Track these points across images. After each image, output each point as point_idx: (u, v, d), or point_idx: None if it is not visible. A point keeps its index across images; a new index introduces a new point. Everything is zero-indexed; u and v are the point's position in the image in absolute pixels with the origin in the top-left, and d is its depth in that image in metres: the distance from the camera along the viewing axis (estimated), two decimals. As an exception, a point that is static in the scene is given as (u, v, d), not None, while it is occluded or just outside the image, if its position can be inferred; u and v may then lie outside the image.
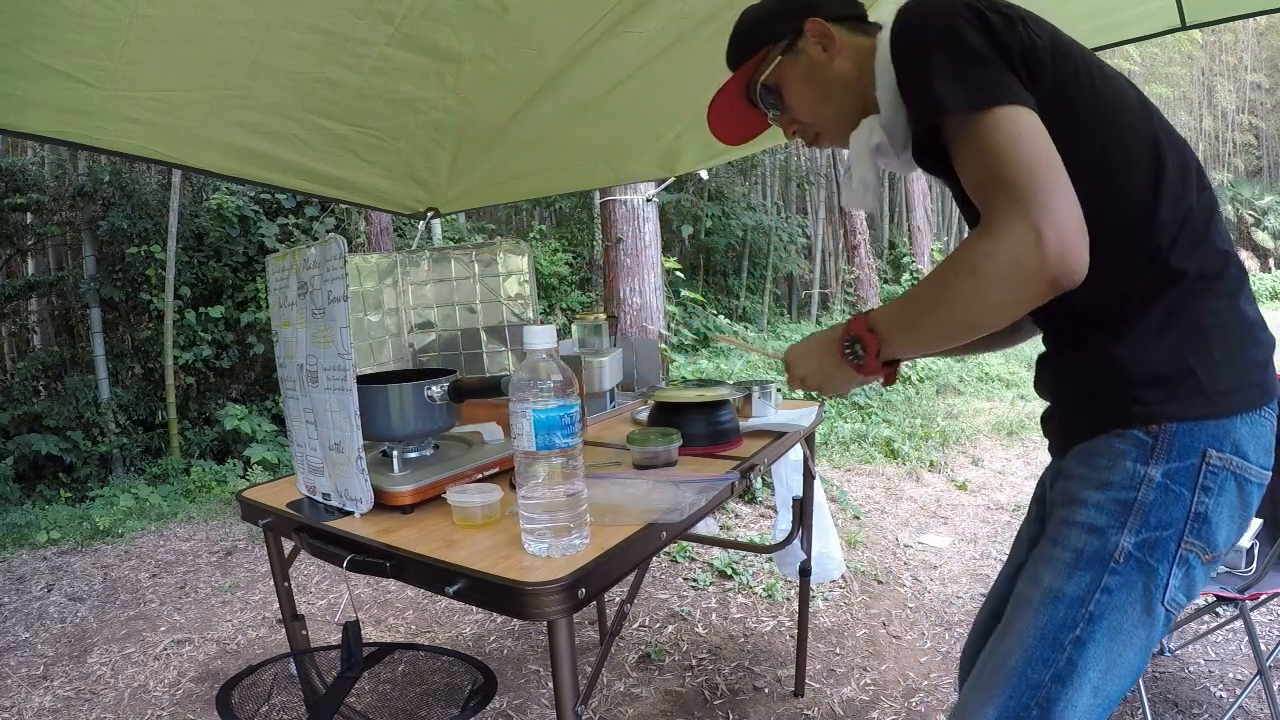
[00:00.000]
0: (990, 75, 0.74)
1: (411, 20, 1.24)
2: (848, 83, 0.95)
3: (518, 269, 1.78)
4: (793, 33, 0.97)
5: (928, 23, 0.78)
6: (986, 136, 0.73)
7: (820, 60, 0.96)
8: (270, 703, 1.29)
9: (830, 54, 0.95)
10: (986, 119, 0.73)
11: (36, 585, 3.25)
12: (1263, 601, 2.26)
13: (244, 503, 1.30)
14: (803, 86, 0.98)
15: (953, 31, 0.76)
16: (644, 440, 1.30)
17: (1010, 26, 0.78)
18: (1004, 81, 0.75)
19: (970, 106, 0.74)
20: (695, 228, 9.97)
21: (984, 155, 0.74)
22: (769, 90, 1.01)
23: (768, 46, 0.99)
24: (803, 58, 0.97)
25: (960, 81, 0.74)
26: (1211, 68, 17.22)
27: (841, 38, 0.95)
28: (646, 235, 4.36)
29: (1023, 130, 0.72)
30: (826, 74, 0.96)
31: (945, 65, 0.75)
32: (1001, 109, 0.73)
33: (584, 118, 1.78)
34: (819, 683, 2.11)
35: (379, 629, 2.61)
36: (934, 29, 0.77)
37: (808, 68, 0.97)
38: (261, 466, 5.17)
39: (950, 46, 0.76)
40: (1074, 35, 0.88)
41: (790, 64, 0.98)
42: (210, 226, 5.95)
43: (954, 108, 0.75)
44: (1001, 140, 0.72)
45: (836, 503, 3.60)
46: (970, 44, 0.75)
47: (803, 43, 0.97)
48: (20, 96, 1.18)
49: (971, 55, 0.75)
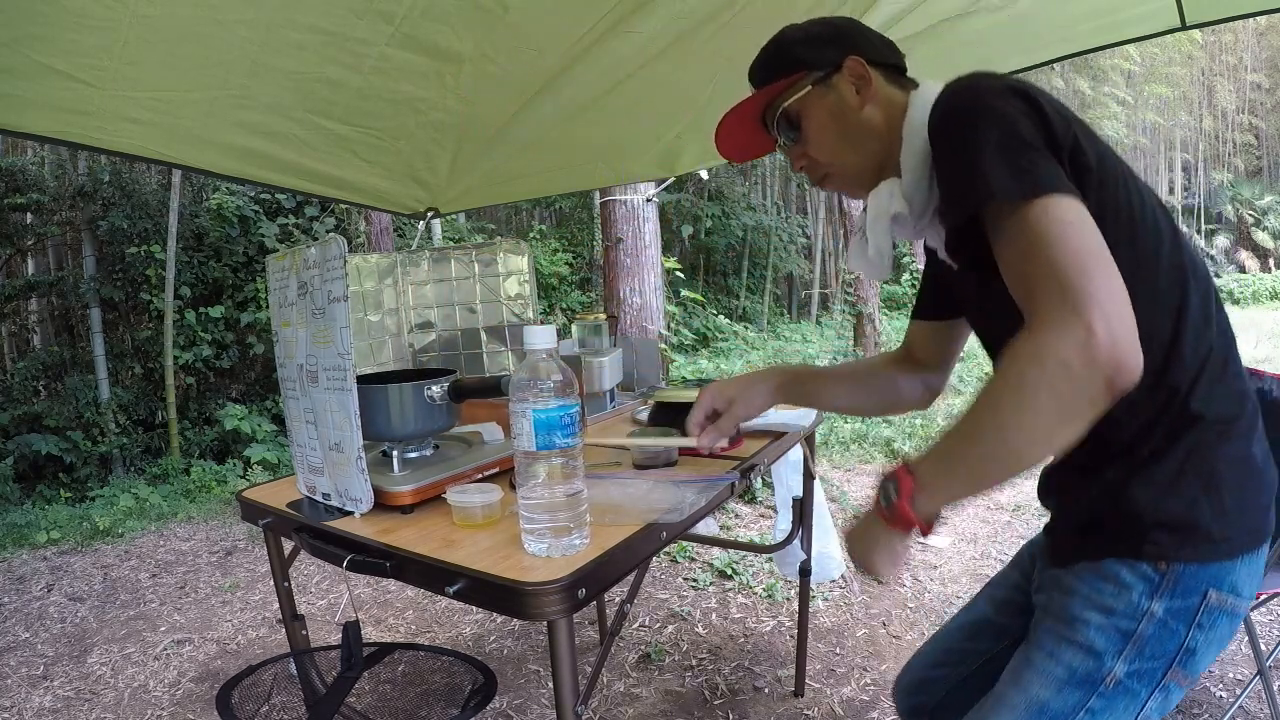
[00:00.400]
0: (1041, 163, 0.70)
1: (411, 20, 1.24)
2: (873, 133, 0.92)
3: (518, 269, 1.78)
4: (830, 65, 0.92)
5: (979, 104, 0.74)
6: (1035, 224, 0.68)
7: (851, 102, 0.91)
8: (270, 703, 1.29)
9: (863, 98, 0.91)
10: (1035, 206, 0.68)
11: (36, 585, 3.25)
12: (1263, 601, 2.26)
13: (244, 503, 1.30)
14: (826, 124, 0.93)
15: (1005, 115, 0.72)
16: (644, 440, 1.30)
17: (1065, 124, 0.74)
18: (1056, 171, 0.70)
19: (1020, 194, 0.69)
20: (695, 228, 9.97)
21: (1031, 245, 0.68)
22: (789, 118, 0.96)
23: (801, 72, 0.94)
24: (833, 94, 0.92)
25: (1010, 166, 0.70)
26: (1211, 68, 17.22)
27: (878, 84, 0.91)
28: (646, 235, 4.36)
29: (1074, 218, 0.68)
30: (854, 118, 0.92)
31: (995, 148, 0.71)
32: (1052, 198, 0.68)
33: (584, 118, 1.78)
34: (819, 683, 2.11)
35: (379, 629, 2.61)
36: (985, 110, 0.73)
37: (836, 106, 0.92)
38: (261, 466, 5.17)
39: (1001, 129, 0.72)
40: (1074, 35, 0.87)
41: (819, 97, 0.93)
42: (210, 226, 5.96)
43: (1002, 194, 0.70)
44: (1050, 226, 0.67)
45: (837, 503, 3.60)
46: (1022, 131, 0.71)
47: (838, 78, 0.92)
48: (20, 96, 1.18)
49: (1023, 142, 0.71)
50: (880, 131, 0.91)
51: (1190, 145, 17.49)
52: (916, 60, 1.65)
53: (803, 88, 0.94)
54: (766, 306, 11.52)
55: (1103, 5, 1.51)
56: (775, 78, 0.96)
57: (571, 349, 1.84)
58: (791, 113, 0.95)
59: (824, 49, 0.93)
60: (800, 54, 0.94)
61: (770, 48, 0.99)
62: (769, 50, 0.99)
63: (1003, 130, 0.72)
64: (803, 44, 0.95)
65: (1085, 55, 1.70)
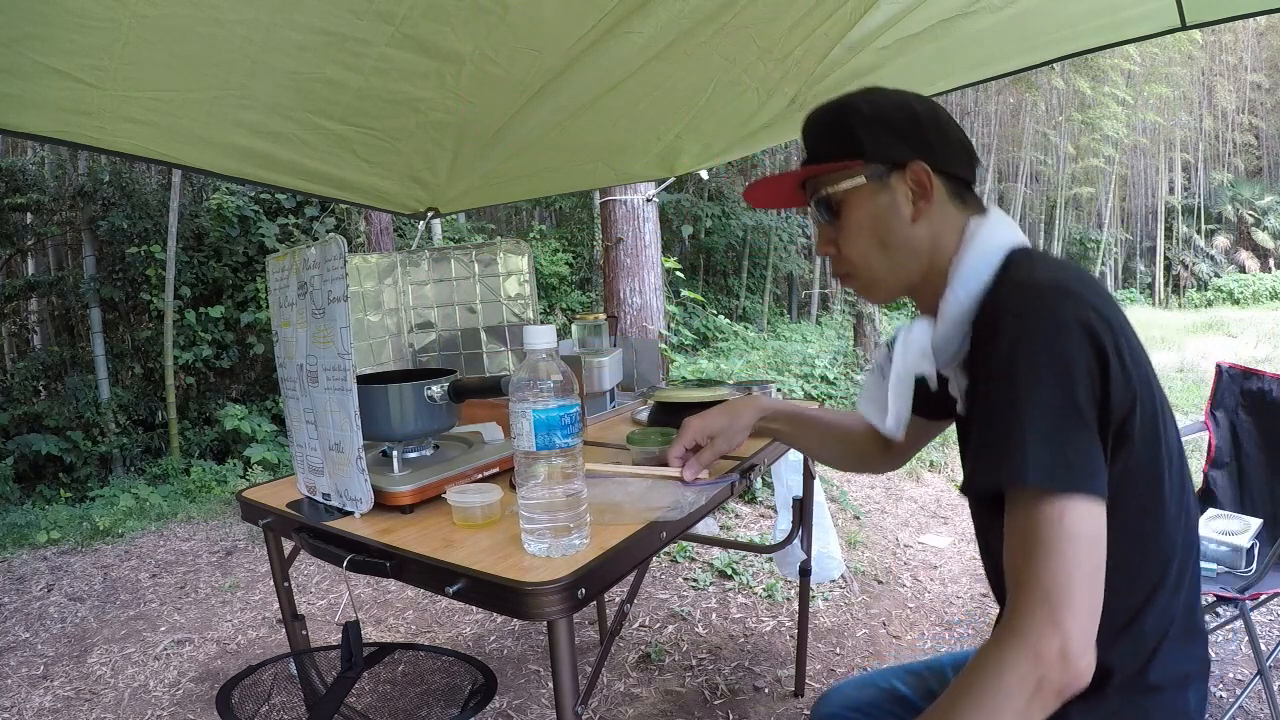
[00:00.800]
0: (1084, 448, 0.65)
1: (412, 20, 1.24)
2: (916, 253, 0.83)
3: (518, 269, 1.78)
4: (893, 162, 0.82)
5: (1049, 348, 0.66)
6: (1047, 526, 0.65)
7: (903, 211, 0.82)
8: (270, 703, 1.28)
9: (917, 212, 0.82)
10: (1057, 505, 0.64)
11: (36, 585, 3.25)
12: (1263, 601, 2.26)
13: (244, 503, 1.30)
14: (868, 226, 0.84)
15: (1070, 374, 0.65)
16: (644, 440, 1.30)
17: (1126, 384, 0.68)
18: (1094, 460, 0.66)
19: (1052, 483, 0.65)
20: (695, 228, 9.97)
21: (1035, 544, 0.65)
22: (830, 203, 0.86)
23: (858, 161, 0.83)
24: (886, 196, 0.83)
25: (1055, 450, 0.65)
26: (1211, 68, 17.22)
27: (939, 199, 0.82)
28: (646, 235, 4.35)
29: (1085, 533, 0.65)
30: (901, 231, 0.83)
31: (1049, 419, 0.65)
32: (1076, 500, 0.64)
33: (584, 118, 1.78)
34: (819, 683, 2.11)
35: (379, 629, 2.61)
36: (1053, 360, 0.66)
37: (885, 210, 0.83)
38: (261, 466, 5.18)
39: (1062, 391, 0.65)
40: (1074, 35, 0.86)
41: (869, 193, 0.83)
42: (210, 226, 5.96)
43: (1034, 481, 0.65)
44: (1060, 536, 0.64)
45: (836, 503, 3.59)
46: (1080, 399, 0.65)
47: (898, 179, 0.82)
48: (20, 96, 1.18)
49: (1078, 417, 0.65)
50: (924, 254, 0.83)
51: (1190, 145, 17.49)
52: (917, 60, 1.66)
53: (854, 177, 0.84)
54: (766, 306, 11.52)
55: (1103, 5, 1.50)
56: (829, 155, 0.86)
57: (571, 349, 1.84)
58: (834, 199, 0.86)
59: (892, 140, 0.82)
60: (863, 137, 0.83)
61: (832, 116, 0.86)
62: (830, 117, 0.87)
63: (1063, 395, 0.65)
64: (869, 125, 0.83)
65: (1085, 55, 1.70)
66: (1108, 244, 16.45)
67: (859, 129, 0.83)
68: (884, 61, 1.65)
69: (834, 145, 0.85)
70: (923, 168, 0.81)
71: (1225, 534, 1.86)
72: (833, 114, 0.86)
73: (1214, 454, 2.16)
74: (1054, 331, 0.66)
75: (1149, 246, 17.73)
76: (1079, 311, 0.67)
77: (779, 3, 1.38)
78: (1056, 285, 0.69)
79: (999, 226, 0.81)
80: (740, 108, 1.83)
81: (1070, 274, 0.72)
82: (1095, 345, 0.66)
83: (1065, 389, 0.65)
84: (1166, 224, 17.27)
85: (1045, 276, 0.71)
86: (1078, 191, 15.34)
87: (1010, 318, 0.69)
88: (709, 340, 8.18)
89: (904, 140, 0.82)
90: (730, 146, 2.18)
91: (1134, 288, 17.17)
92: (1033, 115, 14.65)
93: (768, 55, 1.57)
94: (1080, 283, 0.70)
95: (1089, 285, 0.71)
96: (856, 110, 0.84)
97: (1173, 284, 17.11)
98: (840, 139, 0.85)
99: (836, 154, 0.85)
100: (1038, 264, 0.75)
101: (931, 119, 0.83)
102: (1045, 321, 0.67)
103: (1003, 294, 0.74)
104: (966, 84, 1.85)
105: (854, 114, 0.84)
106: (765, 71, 1.64)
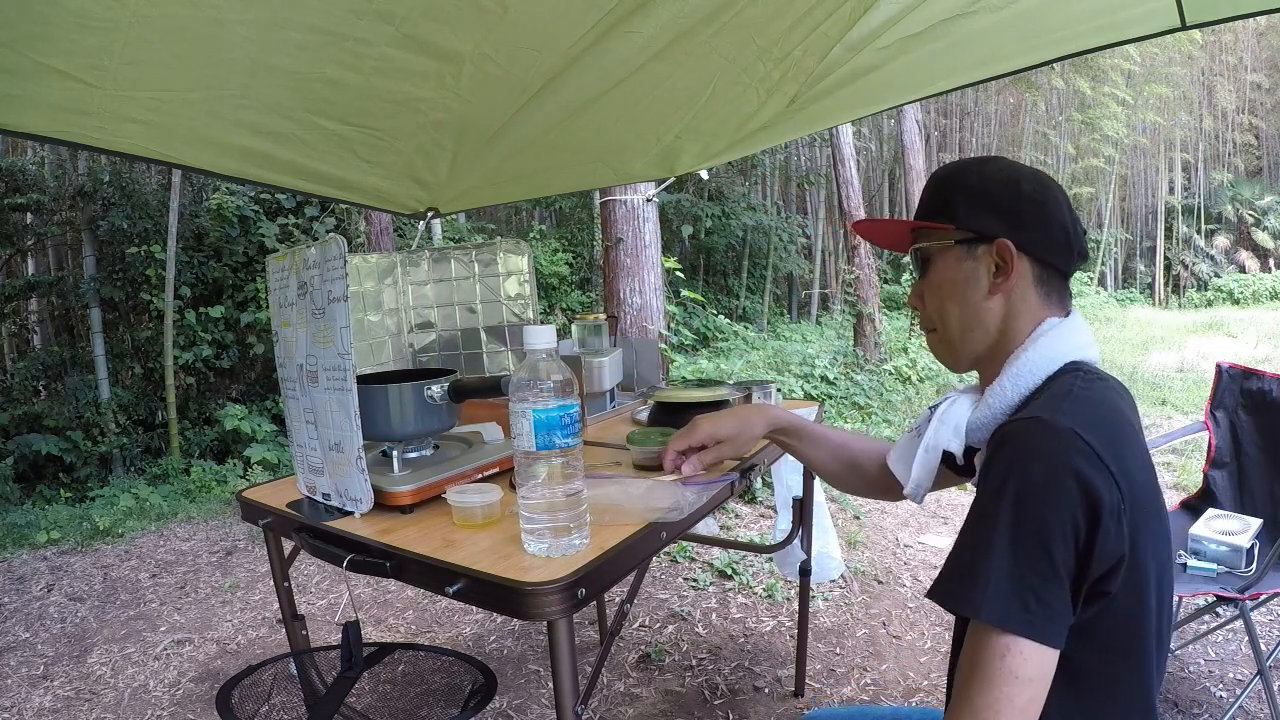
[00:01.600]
0: (1045, 598, 0.65)
1: (411, 20, 1.24)
2: (984, 326, 0.85)
3: (518, 269, 1.78)
4: (980, 234, 0.84)
5: (1039, 483, 0.66)
6: (992, 660, 0.66)
7: (981, 284, 0.84)
8: (270, 703, 1.28)
9: (994, 287, 0.84)
10: (1003, 642, 0.65)
11: (36, 585, 3.25)
12: (1263, 601, 2.26)
13: (244, 503, 1.30)
14: (948, 287, 0.87)
15: (1051, 521, 0.65)
16: (644, 440, 1.30)
17: (1116, 543, 0.67)
18: (1054, 610, 0.66)
19: (1001, 623, 0.65)
20: (695, 228, 9.97)
21: (977, 673, 0.67)
22: (923, 256, 0.90)
23: (951, 224, 0.86)
24: (970, 264, 0.85)
25: (1017, 596, 0.65)
26: (1211, 68, 17.21)
27: (1021, 282, 0.83)
28: (646, 235, 4.35)
29: (1027, 674, 0.65)
30: (975, 300, 0.85)
31: (1018, 561, 0.65)
32: (1024, 643, 0.65)
33: (584, 118, 1.78)
34: (819, 683, 2.11)
35: (379, 629, 2.61)
36: (1042, 503, 0.66)
37: (966, 277, 0.85)
38: (261, 466, 5.18)
39: (1039, 541, 0.65)
40: (1074, 35, 0.85)
41: (956, 257, 0.86)
42: (210, 226, 5.96)
43: (987, 617, 0.66)
44: (1001, 671, 0.65)
45: (836, 503, 3.59)
46: (1054, 550, 0.65)
47: (984, 250, 0.84)
48: (20, 96, 1.18)
49: (1048, 562, 0.65)
50: (992, 330, 0.85)
51: (1190, 145, 17.49)
52: (917, 60, 1.66)
53: (945, 240, 0.87)
54: (766, 306, 11.52)
55: (1102, 5, 1.50)
56: (928, 214, 0.90)
57: (571, 349, 1.84)
58: (925, 254, 0.90)
59: (986, 214, 0.84)
60: (959, 206, 0.86)
61: (944, 176, 0.90)
62: (942, 176, 0.90)
63: (1038, 543, 0.65)
64: (970, 195, 0.85)
65: (1085, 55, 1.70)
66: (1108, 244, 16.44)
67: (958, 195, 0.86)
68: (884, 61, 1.65)
69: (935, 205, 0.89)
70: (1006, 246, 0.82)
71: (1225, 534, 1.86)
72: (946, 175, 0.90)
73: (1214, 454, 2.16)
74: (1049, 479, 0.66)
75: (1149, 246, 17.72)
76: (1083, 465, 0.66)
77: (779, 2, 1.38)
78: (1071, 431, 0.68)
79: (1070, 336, 0.82)
80: (740, 108, 1.83)
81: (1096, 417, 0.71)
82: (1089, 501, 0.65)
83: (1041, 538, 0.65)
84: (1166, 224, 17.27)
85: (1066, 417, 0.69)
86: (1078, 191, 15.33)
87: (1014, 448, 0.69)
88: (709, 340, 8.18)
89: (997, 215, 0.83)
90: (730, 146, 2.18)
91: (1134, 288, 17.16)
92: (1033, 115, 14.66)
93: (768, 55, 1.57)
94: (1100, 431, 0.69)
95: (1111, 435, 0.70)
96: (965, 177, 0.87)
97: (1173, 284, 17.11)
98: (942, 200, 0.88)
99: (934, 214, 0.88)
100: (1073, 396, 0.74)
101: (1035, 201, 0.83)
102: (1044, 467, 0.67)
103: (1025, 416, 0.73)
104: (966, 84, 1.85)
105: (961, 181, 0.87)
106: (765, 71, 1.64)
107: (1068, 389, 0.76)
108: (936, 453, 0.88)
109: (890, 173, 13.82)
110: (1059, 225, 0.83)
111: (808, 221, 12.79)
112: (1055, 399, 0.75)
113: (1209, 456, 2.16)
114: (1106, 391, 0.78)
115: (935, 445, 0.87)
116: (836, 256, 12.38)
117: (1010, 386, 0.80)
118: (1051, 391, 0.77)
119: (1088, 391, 0.76)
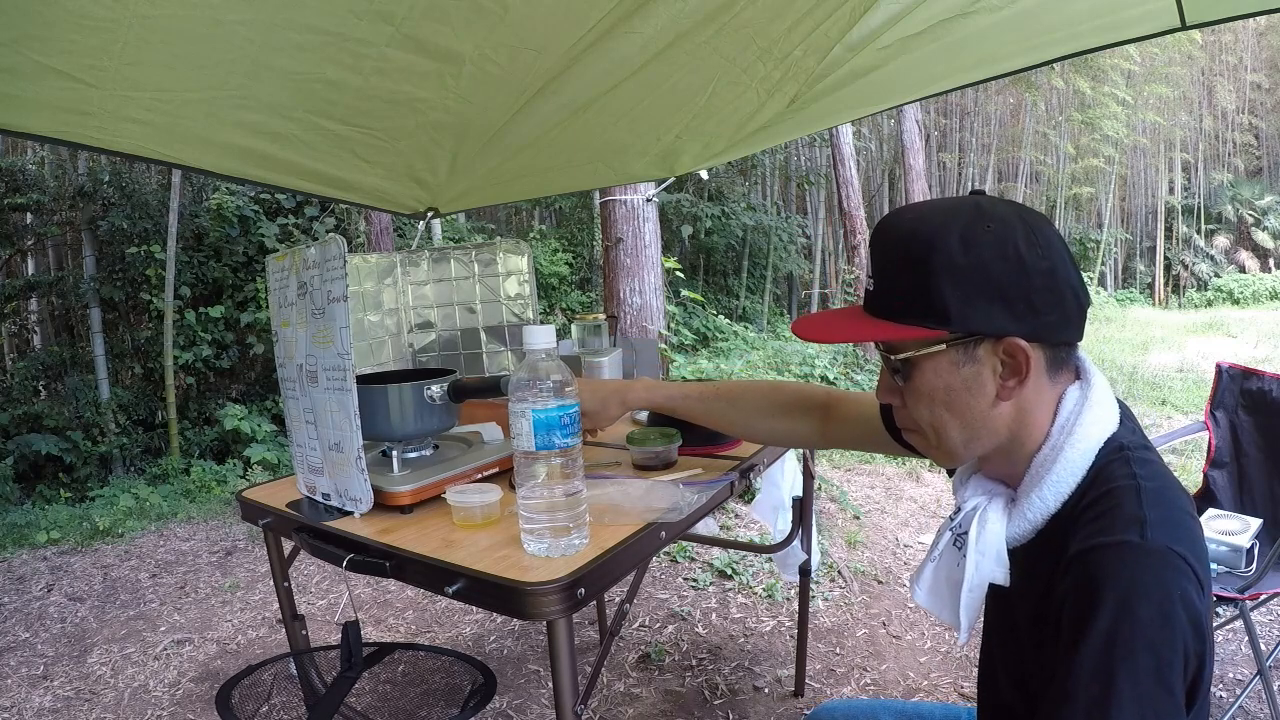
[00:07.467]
0: None
1: (412, 20, 1.24)
2: (992, 433, 0.71)
3: (518, 269, 1.78)
4: (985, 333, 0.67)
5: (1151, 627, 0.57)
6: None
7: (987, 390, 0.68)
8: (270, 703, 1.29)
9: (1005, 391, 0.68)
10: None
11: (36, 585, 3.25)
12: (1263, 601, 2.26)
13: (244, 503, 1.30)
14: (940, 396, 0.70)
15: (1171, 660, 0.57)
16: (644, 440, 1.30)
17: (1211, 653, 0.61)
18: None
19: None
20: (695, 228, 9.97)
21: None
22: (902, 362, 0.72)
23: (941, 330, 0.67)
24: (970, 368, 0.68)
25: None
26: (1211, 68, 17.21)
27: (1034, 379, 0.68)
28: (646, 235, 4.35)
29: None
30: (980, 409, 0.69)
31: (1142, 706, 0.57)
32: None
33: (584, 118, 1.78)
34: (819, 683, 2.11)
35: (379, 629, 2.61)
36: (1157, 640, 0.57)
37: (966, 384, 0.68)
38: (261, 466, 5.17)
39: (1158, 676, 0.57)
40: (1075, 35, 0.83)
41: (949, 362, 0.68)
42: (210, 226, 5.96)
43: None
44: None
45: (837, 503, 3.60)
46: (1174, 685, 0.57)
47: (987, 350, 0.67)
48: (20, 96, 1.18)
49: (1169, 698, 0.57)
50: (1002, 433, 0.71)
51: (1190, 145, 17.48)
52: (917, 60, 1.66)
53: (933, 345, 0.68)
54: (766, 306, 11.52)
55: (1102, 5, 1.50)
56: (904, 310, 0.68)
57: (571, 349, 1.84)
58: (907, 364, 0.71)
59: (985, 306, 0.65)
60: (951, 302, 0.65)
61: (914, 251, 0.67)
62: (907, 257, 0.68)
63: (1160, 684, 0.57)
64: (961, 282, 0.65)
65: (1085, 55, 1.70)
66: (1108, 244, 16.44)
67: (943, 282, 0.65)
68: (884, 61, 1.65)
69: (913, 294, 0.67)
70: (1019, 347, 0.66)
71: (1225, 534, 1.86)
72: (917, 251, 0.66)
73: (1214, 454, 2.16)
74: (1160, 618, 0.58)
75: (1149, 246, 17.72)
76: (1187, 587, 0.58)
77: (779, 3, 1.38)
78: (1169, 551, 0.59)
79: (1099, 409, 0.69)
80: (740, 108, 1.83)
81: (1176, 515, 0.62)
82: (1194, 622, 0.58)
83: (1164, 683, 0.57)
84: (1166, 224, 17.26)
85: (1157, 532, 0.60)
86: (1078, 191, 15.33)
87: (1113, 589, 0.59)
88: (709, 340, 8.18)
89: (1003, 305, 0.65)
90: (730, 147, 2.18)
91: (1134, 288, 17.16)
92: (1033, 115, 14.65)
93: (768, 55, 1.57)
94: (1184, 530, 0.61)
95: (1194, 531, 0.63)
96: (948, 255, 0.65)
97: (1173, 284, 17.10)
98: (921, 289, 0.66)
99: (912, 308, 0.67)
100: (1143, 494, 0.63)
101: (1044, 272, 0.65)
102: (1151, 603, 0.58)
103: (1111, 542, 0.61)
104: (966, 84, 1.85)
105: (945, 261, 0.65)
106: (765, 71, 1.64)
107: (1132, 485, 0.64)
108: (981, 590, 0.74)
109: (890, 173, 13.82)
110: (1070, 292, 0.67)
111: (808, 221, 12.79)
112: (1127, 504, 0.63)
113: (1209, 456, 2.16)
114: (1159, 465, 0.67)
115: (980, 582, 0.73)
116: (836, 256, 12.38)
117: (1051, 496, 0.68)
118: (1112, 491, 0.65)
119: (1152, 482, 0.64)
